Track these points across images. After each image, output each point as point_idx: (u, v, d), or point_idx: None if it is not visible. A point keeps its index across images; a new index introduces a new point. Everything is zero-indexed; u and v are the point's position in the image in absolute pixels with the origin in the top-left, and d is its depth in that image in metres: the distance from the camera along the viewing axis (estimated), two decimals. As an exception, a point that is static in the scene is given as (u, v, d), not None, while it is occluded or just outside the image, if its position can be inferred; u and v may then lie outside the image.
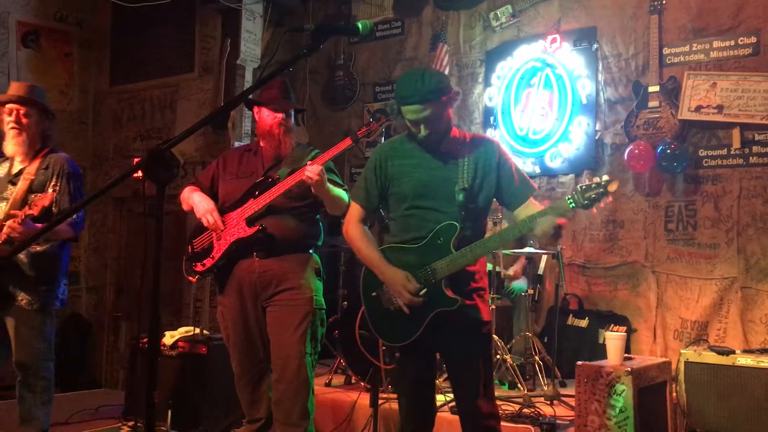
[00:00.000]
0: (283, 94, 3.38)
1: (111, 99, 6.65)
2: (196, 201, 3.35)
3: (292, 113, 3.42)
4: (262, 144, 3.42)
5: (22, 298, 3.47)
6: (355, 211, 2.86)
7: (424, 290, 2.58)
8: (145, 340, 4.61)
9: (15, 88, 3.65)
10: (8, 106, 3.59)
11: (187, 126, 1.82)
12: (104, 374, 6.46)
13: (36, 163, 3.57)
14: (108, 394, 5.83)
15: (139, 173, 1.72)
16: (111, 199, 6.48)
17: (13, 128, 3.57)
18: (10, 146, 3.60)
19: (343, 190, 3.31)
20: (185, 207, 3.43)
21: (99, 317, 6.58)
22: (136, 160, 6.19)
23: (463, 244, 2.57)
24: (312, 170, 3.06)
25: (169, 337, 4.64)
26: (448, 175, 2.65)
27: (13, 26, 6.10)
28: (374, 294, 2.72)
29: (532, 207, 2.61)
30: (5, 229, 3.32)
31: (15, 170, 3.61)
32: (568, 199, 2.41)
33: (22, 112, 3.58)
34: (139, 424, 4.50)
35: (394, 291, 2.62)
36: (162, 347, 4.55)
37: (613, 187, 2.33)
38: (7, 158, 3.69)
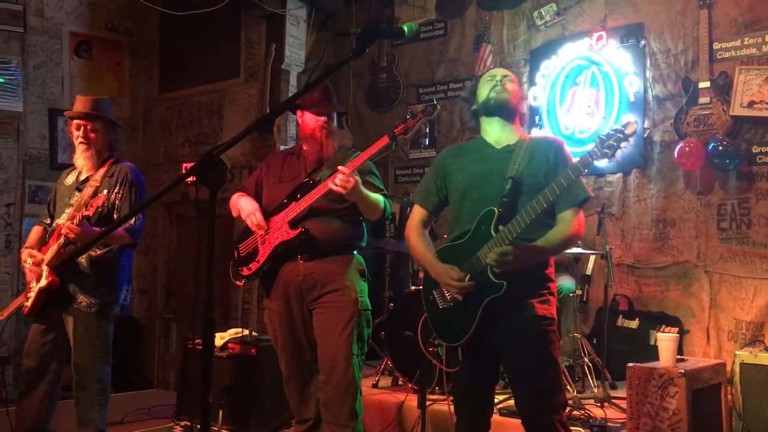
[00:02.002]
0: (326, 96, 3.40)
1: (160, 106, 6.80)
2: (243, 204, 3.41)
3: (335, 116, 3.45)
4: (304, 147, 3.45)
5: (82, 300, 3.56)
6: (415, 212, 2.88)
7: (468, 276, 2.55)
8: (198, 341, 4.70)
9: (81, 104, 3.75)
10: (75, 121, 3.72)
11: (234, 131, 1.86)
12: (156, 375, 6.60)
13: (102, 171, 3.69)
14: (160, 394, 5.96)
15: (192, 177, 1.76)
16: (161, 203, 6.62)
17: (81, 143, 3.70)
18: (80, 160, 3.74)
19: (382, 194, 3.31)
20: (234, 213, 3.50)
21: (150, 319, 6.72)
22: (185, 165, 6.32)
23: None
24: (339, 180, 3.05)
25: (218, 339, 4.72)
26: (502, 166, 2.64)
27: (66, 37, 6.29)
28: (431, 297, 2.73)
29: (566, 220, 2.59)
30: (63, 230, 3.44)
31: (82, 178, 3.74)
32: (590, 153, 2.37)
33: (89, 127, 3.70)
34: (190, 424, 4.59)
35: (444, 285, 2.63)
36: (212, 348, 4.62)
37: (631, 130, 2.30)
38: (76, 168, 3.83)
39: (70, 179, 3.81)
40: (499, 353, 2.66)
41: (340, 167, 3.09)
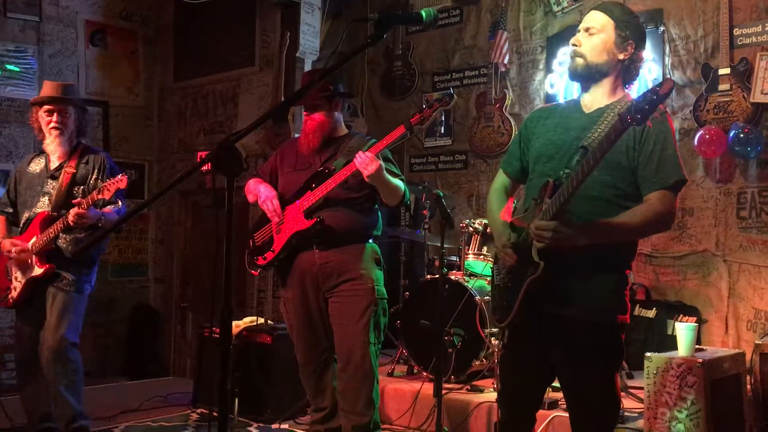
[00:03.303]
0: (318, 89, 3.34)
1: (175, 94, 6.80)
2: (261, 190, 3.40)
3: (332, 105, 3.38)
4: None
5: (63, 278, 3.60)
6: (498, 176, 2.65)
7: (510, 245, 2.37)
8: (215, 329, 4.71)
9: (51, 89, 3.73)
10: (46, 106, 3.69)
11: (249, 119, 1.84)
12: (172, 362, 6.63)
13: (75, 159, 3.70)
14: (176, 381, 5.99)
15: (208, 165, 1.75)
16: (177, 192, 6.63)
17: (54, 128, 3.68)
18: (52, 145, 3.72)
19: (400, 179, 3.29)
20: (251, 199, 3.48)
21: (166, 307, 6.75)
22: (200, 153, 6.32)
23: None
24: (363, 162, 3.05)
25: (234, 327, 4.73)
26: (583, 134, 2.26)
27: (81, 25, 6.30)
28: (493, 269, 2.56)
29: (649, 202, 2.25)
30: (71, 217, 3.43)
31: (53, 166, 3.73)
32: (621, 119, 1.99)
33: (62, 112, 3.69)
34: (206, 412, 4.61)
35: (497, 249, 2.47)
36: (228, 337, 4.64)
37: (666, 89, 1.91)
38: (41, 154, 3.81)
39: (36, 167, 3.78)
40: (554, 359, 2.40)
41: (361, 152, 3.09)
